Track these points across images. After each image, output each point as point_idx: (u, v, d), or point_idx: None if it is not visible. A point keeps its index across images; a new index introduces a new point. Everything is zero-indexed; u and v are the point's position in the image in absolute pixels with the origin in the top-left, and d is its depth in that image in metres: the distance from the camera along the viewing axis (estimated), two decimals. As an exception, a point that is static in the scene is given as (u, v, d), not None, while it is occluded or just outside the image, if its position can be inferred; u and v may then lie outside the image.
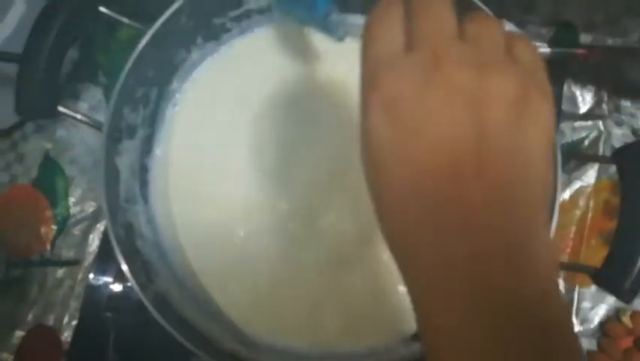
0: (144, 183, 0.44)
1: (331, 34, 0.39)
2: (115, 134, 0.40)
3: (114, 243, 0.38)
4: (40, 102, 0.38)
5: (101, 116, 0.53)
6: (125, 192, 0.41)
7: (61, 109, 0.40)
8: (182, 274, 0.43)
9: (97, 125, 0.40)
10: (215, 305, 0.42)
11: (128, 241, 0.40)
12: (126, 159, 0.42)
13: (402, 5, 0.24)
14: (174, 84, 0.46)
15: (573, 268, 0.50)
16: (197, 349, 0.36)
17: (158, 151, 0.45)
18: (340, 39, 0.39)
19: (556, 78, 0.55)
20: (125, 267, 0.37)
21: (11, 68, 0.48)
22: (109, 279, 0.50)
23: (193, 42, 0.46)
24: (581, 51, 0.53)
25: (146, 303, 0.37)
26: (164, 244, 0.43)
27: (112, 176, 0.40)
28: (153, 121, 0.45)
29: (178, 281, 0.42)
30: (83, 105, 0.55)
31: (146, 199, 0.44)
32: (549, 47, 0.53)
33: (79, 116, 0.41)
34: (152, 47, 0.41)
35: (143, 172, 0.44)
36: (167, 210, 0.44)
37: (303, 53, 0.48)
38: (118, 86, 0.39)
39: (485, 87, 0.22)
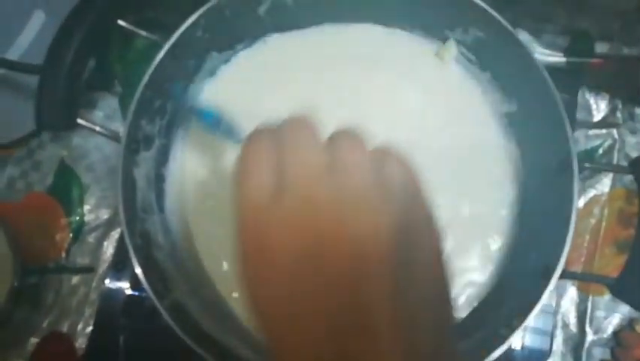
0: (160, 193, 0.44)
1: (230, 140, 0.41)
2: (132, 146, 0.41)
3: (131, 252, 0.38)
4: (60, 115, 0.38)
5: (118, 126, 0.55)
6: (141, 202, 0.42)
7: (80, 121, 0.40)
8: (199, 283, 0.43)
9: (115, 137, 0.41)
10: (233, 315, 0.43)
11: (144, 250, 0.40)
12: (143, 170, 0.42)
13: (271, 139, 0.25)
14: (190, 94, 0.46)
15: (590, 279, 0.50)
16: (214, 358, 0.36)
17: (173, 161, 0.46)
18: (239, 142, 0.40)
19: (571, 87, 0.55)
20: (141, 276, 0.37)
21: (28, 78, 0.49)
22: (124, 286, 0.50)
23: (208, 53, 0.46)
24: (596, 61, 0.53)
25: (163, 312, 0.37)
26: (180, 253, 0.43)
27: (129, 186, 0.40)
28: (169, 132, 0.45)
29: (194, 291, 0.42)
30: (99, 114, 0.56)
31: (162, 209, 0.44)
32: (564, 56, 0.54)
33: (97, 128, 0.41)
34: (168, 59, 0.41)
35: (159, 182, 0.44)
36: (183, 219, 0.44)
37: (320, 63, 0.48)
38: (136, 98, 0.40)
39: (361, 227, 0.22)
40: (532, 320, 0.48)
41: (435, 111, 0.48)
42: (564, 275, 0.38)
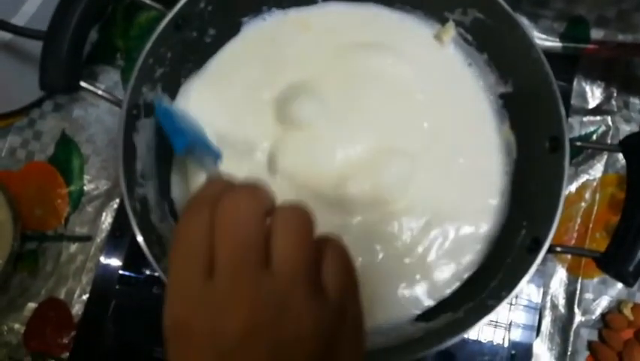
0: (161, 161, 0.45)
1: (203, 165, 0.41)
2: (133, 111, 0.41)
3: (130, 215, 0.38)
4: (63, 77, 0.39)
5: (120, 96, 0.55)
6: (141, 168, 0.42)
7: (83, 84, 0.41)
8: None
9: (116, 102, 0.41)
10: None
11: (143, 214, 0.41)
12: (143, 136, 0.43)
13: (209, 212, 0.23)
14: (191, 65, 0.47)
15: (578, 253, 0.51)
16: None
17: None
18: (210, 169, 0.40)
19: (567, 73, 0.56)
20: (140, 238, 0.38)
21: (31, 47, 0.50)
22: (121, 255, 0.51)
23: (213, 25, 0.47)
24: (591, 46, 0.54)
25: (160, 273, 0.37)
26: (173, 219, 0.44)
27: (129, 151, 0.41)
28: (171, 100, 0.46)
29: None
30: (100, 87, 0.56)
31: (161, 176, 0.45)
32: (560, 41, 0.54)
33: (99, 92, 0.41)
34: (171, 28, 0.42)
35: (161, 150, 0.45)
36: (185, 188, 0.45)
37: (320, 41, 0.49)
38: (138, 64, 0.40)
39: (283, 330, 0.21)
40: (521, 298, 0.50)
41: (431, 91, 0.49)
42: (552, 249, 0.39)
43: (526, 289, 0.50)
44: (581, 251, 0.50)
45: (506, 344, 0.49)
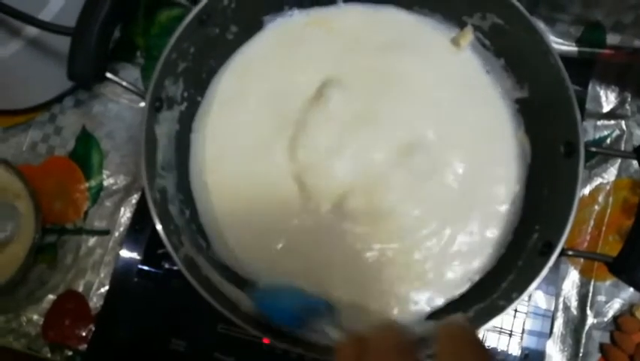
0: (181, 154, 0.46)
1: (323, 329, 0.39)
2: (155, 104, 0.42)
3: (151, 205, 0.39)
4: (91, 68, 0.40)
5: (139, 98, 0.56)
6: (161, 159, 0.43)
7: (109, 75, 0.42)
8: (211, 239, 0.45)
9: (140, 93, 0.42)
10: (240, 269, 0.44)
11: (162, 204, 0.41)
12: (164, 128, 0.43)
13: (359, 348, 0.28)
14: (213, 62, 0.48)
15: (590, 257, 0.51)
16: (224, 308, 0.38)
17: (196, 125, 0.47)
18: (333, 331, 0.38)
19: (582, 77, 0.56)
20: (159, 227, 0.39)
21: (54, 45, 0.51)
22: (139, 249, 0.52)
23: (235, 22, 0.47)
24: (607, 51, 0.54)
25: (178, 262, 0.38)
26: (197, 210, 0.45)
27: (150, 143, 0.42)
28: (194, 96, 0.47)
29: (202, 247, 0.44)
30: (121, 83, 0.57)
31: (180, 168, 0.46)
32: (576, 46, 0.55)
33: (124, 83, 0.42)
34: (195, 23, 0.43)
35: (181, 143, 0.46)
36: (202, 182, 0.46)
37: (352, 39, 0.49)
38: (162, 58, 0.41)
39: None
40: (534, 300, 0.50)
41: (447, 96, 0.49)
42: (564, 253, 0.40)
43: (539, 297, 0.51)
44: (593, 255, 0.50)
45: (518, 351, 0.49)
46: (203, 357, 0.47)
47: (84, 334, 0.52)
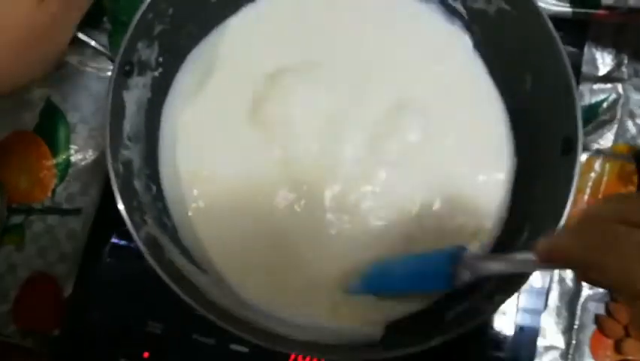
0: (152, 125, 0.43)
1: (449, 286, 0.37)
2: (125, 67, 0.39)
3: (112, 177, 0.36)
4: None
5: (106, 64, 0.53)
6: (128, 129, 0.40)
7: (80, 35, 0.39)
8: (179, 223, 0.42)
9: (110, 57, 0.39)
10: (208, 260, 0.42)
11: (125, 178, 0.39)
12: (134, 95, 0.40)
13: None
14: (193, 28, 0.45)
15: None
16: (185, 295, 0.36)
17: (170, 97, 0.44)
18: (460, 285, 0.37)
19: (577, 39, 0.54)
20: (120, 205, 0.36)
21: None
22: (111, 228, 0.49)
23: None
24: (602, 12, 0.52)
25: (137, 241, 0.36)
26: (164, 192, 0.43)
27: (117, 109, 0.39)
28: (170, 62, 0.43)
29: (168, 229, 0.41)
30: (87, 50, 0.54)
31: (149, 140, 0.42)
32: (570, 6, 0.52)
33: (93, 43, 0.39)
34: None
35: (153, 113, 0.43)
36: (172, 160, 0.43)
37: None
38: (135, 18, 0.38)
39: None
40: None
41: (434, 71, 0.47)
42: None
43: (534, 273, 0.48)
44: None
45: (512, 327, 0.48)
46: (181, 339, 0.44)
47: (56, 318, 0.49)
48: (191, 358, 0.44)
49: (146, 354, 0.44)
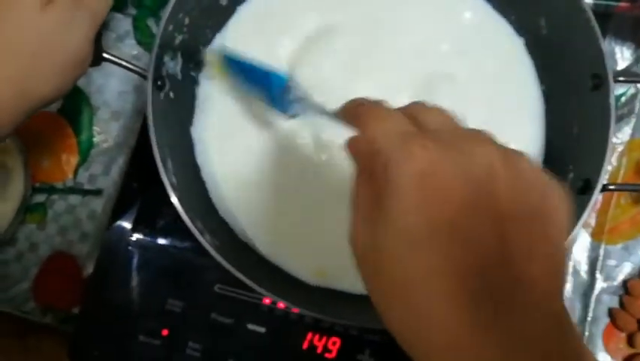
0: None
1: (283, 111, 0.38)
2: (158, 83, 0.40)
3: (168, 187, 0.38)
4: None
5: (131, 49, 0.54)
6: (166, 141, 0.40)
7: (106, 56, 0.39)
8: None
9: (142, 73, 0.39)
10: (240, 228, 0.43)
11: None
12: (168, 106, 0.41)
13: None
14: (209, 32, 0.46)
15: (634, 189, 0.50)
16: (225, 260, 0.36)
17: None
18: (291, 116, 0.38)
19: (598, 32, 0.54)
20: (161, 167, 0.37)
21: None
22: (132, 208, 0.49)
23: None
24: (623, 4, 0.52)
25: (176, 204, 0.37)
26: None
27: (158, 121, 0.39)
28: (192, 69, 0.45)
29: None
30: (111, 35, 0.54)
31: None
32: (591, -1, 0.52)
33: (124, 63, 0.40)
34: None
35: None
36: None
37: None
38: (159, 31, 0.39)
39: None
40: None
41: (458, 39, 0.47)
42: (606, 188, 0.39)
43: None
44: (636, 187, 0.49)
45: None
46: (200, 318, 0.45)
47: (76, 296, 0.50)
48: (209, 336, 0.45)
49: (165, 332, 0.45)
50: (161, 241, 0.47)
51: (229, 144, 0.45)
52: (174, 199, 0.37)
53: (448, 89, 0.44)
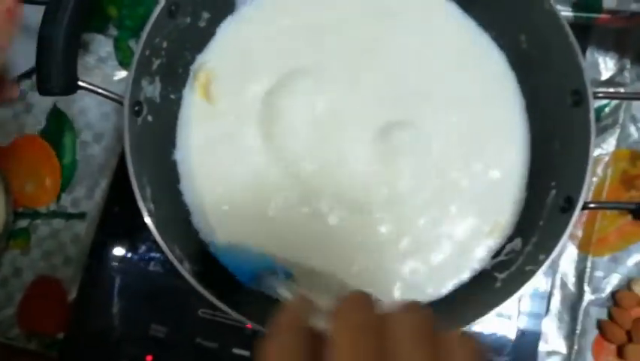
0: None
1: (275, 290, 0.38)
2: (135, 108, 0.40)
3: (146, 217, 0.37)
4: (60, 80, 0.38)
5: (113, 69, 0.54)
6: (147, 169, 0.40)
7: (81, 83, 0.39)
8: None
9: (118, 99, 0.39)
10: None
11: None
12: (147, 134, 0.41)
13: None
14: (187, 54, 0.46)
15: (613, 207, 0.50)
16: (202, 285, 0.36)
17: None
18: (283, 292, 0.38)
19: (579, 44, 0.54)
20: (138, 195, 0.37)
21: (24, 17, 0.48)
22: (116, 231, 0.49)
23: (206, 7, 0.45)
24: (604, 16, 0.52)
25: (153, 230, 0.37)
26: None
27: (135, 148, 0.39)
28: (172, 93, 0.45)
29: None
30: (93, 56, 0.54)
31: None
32: (572, 11, 0.52)
33: (99, 90, 0.40)
34: (165, 16, 0.41)
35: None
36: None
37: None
38: (136, 57, 0.39)
39: None
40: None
41: (442, 58, 0.47)
42: (586, 206, 0.39)
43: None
44: (616, 205, 0.49)
45: (514, 332, 0.48)
46: (184, 343, 0.45)
47: (60, 321, 0.50)
48: (194, 361, 0.45)
49: (149, 358, 0.45)
50: (144, 265, 0.47)
51: (212, 166, 0.45)
52: (151, 226, 0.37)
53: (428, 111, 0.44)
